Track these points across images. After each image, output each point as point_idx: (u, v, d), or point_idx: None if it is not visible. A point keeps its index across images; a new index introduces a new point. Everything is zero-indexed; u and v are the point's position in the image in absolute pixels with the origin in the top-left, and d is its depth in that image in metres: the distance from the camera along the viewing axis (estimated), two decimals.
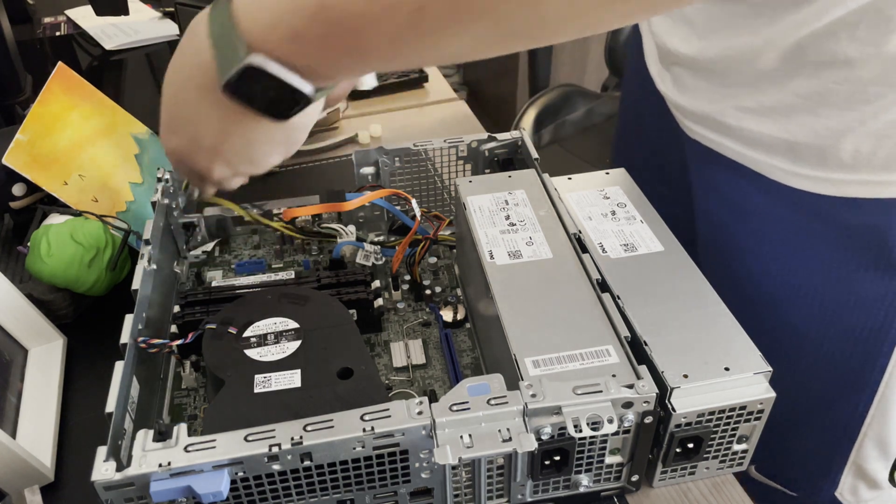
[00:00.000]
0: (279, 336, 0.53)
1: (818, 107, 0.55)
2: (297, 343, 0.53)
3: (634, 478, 0.49)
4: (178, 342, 0.54)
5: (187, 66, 0.48)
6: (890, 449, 0.67)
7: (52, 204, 0.67)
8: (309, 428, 0.42)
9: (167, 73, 0.50)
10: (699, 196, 0.70)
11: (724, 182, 0.65)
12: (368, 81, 0.58)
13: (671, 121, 0.69)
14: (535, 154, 0.64)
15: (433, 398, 0.55)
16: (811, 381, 0.66)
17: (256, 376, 0.50)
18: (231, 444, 0.41)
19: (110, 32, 1.13)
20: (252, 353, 0.52)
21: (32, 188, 0.69)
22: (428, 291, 0.65)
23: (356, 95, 0.97)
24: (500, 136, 0.69)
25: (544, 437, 0.44)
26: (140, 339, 0.50)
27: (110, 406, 0.45)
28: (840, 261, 0.60)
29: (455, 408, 0.42)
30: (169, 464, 0.40)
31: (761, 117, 0.59)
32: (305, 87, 0.42)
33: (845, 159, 0.55)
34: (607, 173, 0.64)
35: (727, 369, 0.46)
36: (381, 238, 0.70)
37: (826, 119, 0.55)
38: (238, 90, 0.43)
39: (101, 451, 0.41)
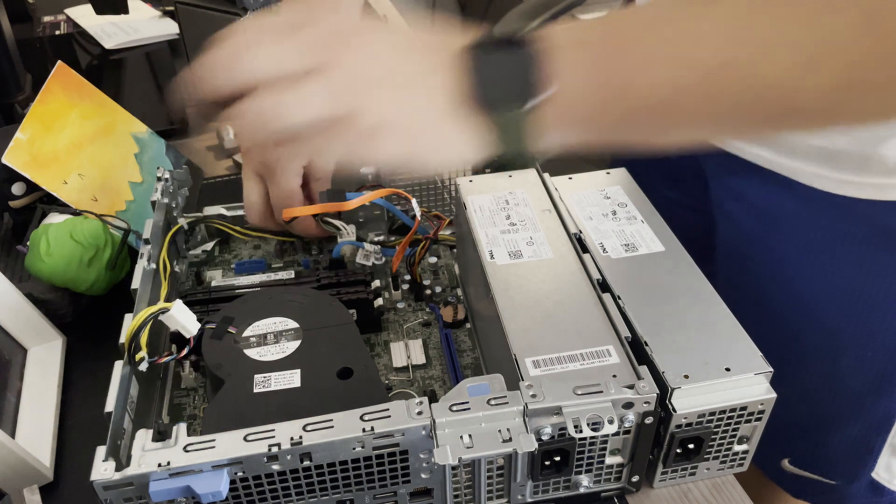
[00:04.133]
0: (279, 336, 0.53)
1: None
2: (297, 343, 0.53)
3: (635, 478, 0.49)
4: (185, 351, 0.53)
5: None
6: None
7: (52, 203, 0.67)
8: (308, 428, 0.42)
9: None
10: (721, 202, 0.69)
11: (751, 188, 0.65)
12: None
13: None
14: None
15: (433, 398, 0.55)
16: (851, 377, 0.66)
17: (256, 376, 0.50)
18: (230, 444, 0.41)
19: (110, 31, 1.13)
20: (252, 353, 0.52)
21: (32, 187, 0.69)
22: (428, 291, 0.65)
23: None
24: None
25: (544, 438, 0.44)
26: (150, 359, 0.50)
27: (109, 406, 0.45)
28: (880, 261, 0.60)
29: (455, 408, 0.42)
30: (168, 463, 0.40)
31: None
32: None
33: (888, 164, 0.56)
34: (608, 173, 0.64)
35: (728, 370, 0.46)
36: (381, 238, 0.70)
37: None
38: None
39: (101, 451, 0.41)
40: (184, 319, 0.50)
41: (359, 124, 0.39)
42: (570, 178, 0.64)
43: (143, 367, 0.49)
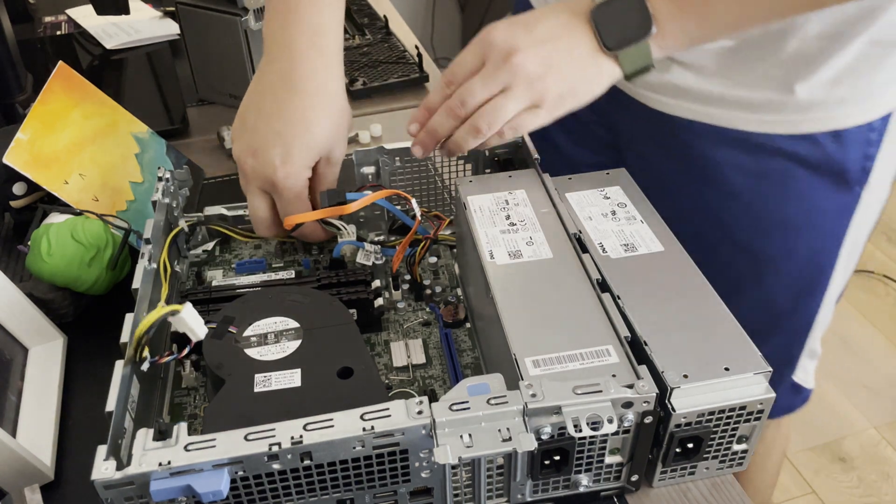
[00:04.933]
0: (279, 335, 0.53)
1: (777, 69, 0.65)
2: (298, 342, 0.53)
3: (634, 478, 0.49)
4: (186, 350, 0.53)
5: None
6: (825, 324, 0.82)
7: (53, 203, 0.67)
8: (309, 427, 0.42)
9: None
10: (654, 160, 0.77)
11: (681, 140, 0.73)
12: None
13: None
14: (535, 154, 0.64)
15: (433, 398, 0.55)
16: (777, 295, 0.77)
17: (256, 376, 0.50)
18: (231, 444, 0.41)
19: (111, 31, 1.13)
20: (252, 353, 0.52)
21: (33, 187, 0.69)
22: (428, 291, 0.65)
23: (356, 95, 0.97)
24: None
25: (544, 437, 0.44)
26: (152, 359, 0.50)
27: (110, 405, 0.45)
28: (798, 187, 0.70)
29: (455, 407, 0.42)
30: (169, 463, 0.40)
31: (722, 79, 0.67)
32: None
33: (801, 103, 0.66)
34: (607, 173, 0.64)
35: (727, 369, 0.46)
36: (382, 238, 0.70)
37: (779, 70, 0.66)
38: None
39: (101, 450, 0.41)
40: (193, 322, 0.51)
41: (546, 100, 0.57)
42: (570, 178, 0.64)
43: (145, 367, 0.49)
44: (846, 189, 0.70)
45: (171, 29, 1.12)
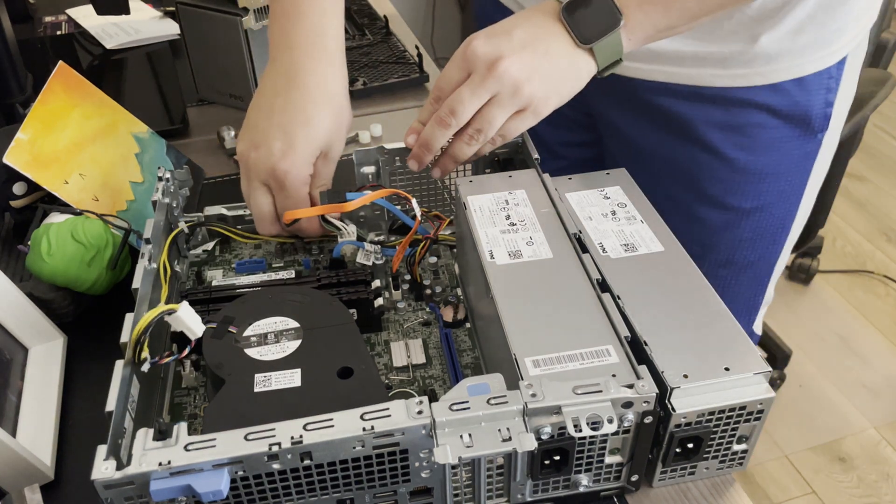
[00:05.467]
0: (279, 335, 0.53)
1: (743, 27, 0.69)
2: (298, 342, 0.53)
3: (634, 478, 0.49)
4: (187, 351, 0.53)
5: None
6: (780, 271, 0.87)
7: (53, 203, 0.67)
8: (309, 427, 0.42)
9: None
10: (628, 129, 0.80)
11: (654, 106, 0.76)
12: None
13: None
14: (535, 154, 0.64)
15: (433, 398, 0.55)
16: (749, 248, 0.81)
17: (256, 375, 0.50)
18: (231, 443, 0.41)
19: (111, 31, 1.13)
20: (252, 353, 0.52)
21: (33, 187, 0.69)
22: (428, 291, 0.65)
23: (356, 95, 0.97)
24: None
25: (544, 437, 0.44)
26: (152, 360, 0.50)
27: (110, 405, 0.45)
28: (770, 138, 0.74)
29: (455, 407, 0.42)
30: (169, 462, 0.40)
31: (694, 40, 0.71)
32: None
33: (770, 53, 0.70)
34: (608, 173, 0.64)
35: (727, 369, 0.46)
36: (382, 238, 0.70)
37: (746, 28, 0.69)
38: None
39: (101, 450, 0.41)
40: (190, 321, 0.51)
41: (532, 103, 0.60)
42: (570, 178, 0.64)
43: (146, 367, 0.49)
44: (811, 135, 0.75)
45: (171, 29, 1.12)
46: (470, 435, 0.42)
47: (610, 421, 0.43)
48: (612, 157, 0.86)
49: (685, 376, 0.45)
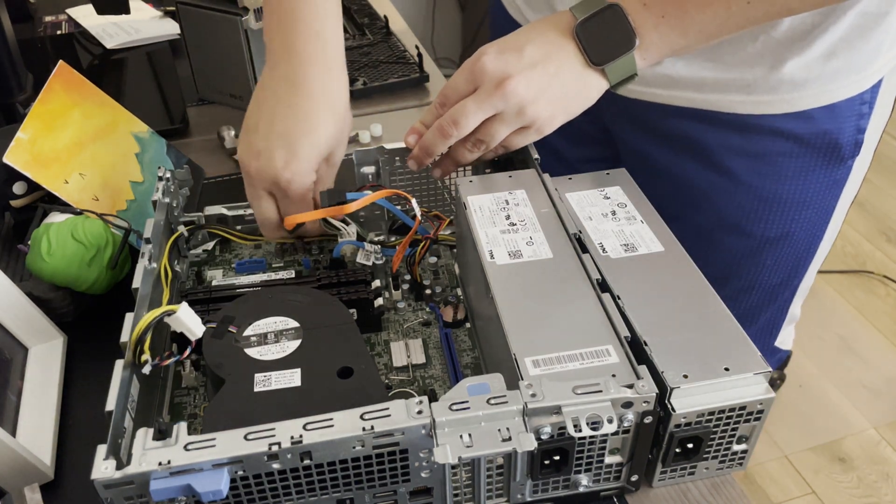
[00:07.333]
0: (279, 335, 0.53)
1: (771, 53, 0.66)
2: (297, 342, 0.53)
3: (634, 478, 0.49)
4: (187, 352, 0.53)
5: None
6: (806, 290, 0.86)
7: (53, 202, 0.67)
8: (309, 427, 0.42)
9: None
10: (647, 151, 0.78)
11: (673, 131, 0.74)
12: None
13: None
14: (535, 154, 0.64)
15: (433, 398, 0.55)
16: (771, 273, 0.79)
17: (256, 375, 0.50)
18: (231, 443, 0.41)
19: (111, 31, 1.13)
20: (252, 352, 0.52)
21: (33, 187, 0.69)
22: (428, 291, 0.65)
23: (356, 95, 0.97)
24: None
25: (544, 437, 0.44)
26: (153, 361, 0.50)
27: (110, 404, 0.45)
28: (795, 166, 0.71)
29: (455, 407, 0.42)
30: (169, 462, 0.40)
31: (714, 64, 0.68)
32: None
33: (796, 81, 0.67)
34: (608, 173, 0.64)
35: (727, 369, 0.46)
36: (382, 237, 0.70)
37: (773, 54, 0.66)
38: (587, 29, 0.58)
39: (101, 450, 0.41)
40: (189, 321, 0.51)
41: (536, 122, 0.60)
42: (570, 179, 0.64)
43: (147, 369, 0.49)
44: (839, 163, 0.71)
45: (171, 29, 1.12)
46: (470, 435, 0.42)
47: (610, 421, 0.43)
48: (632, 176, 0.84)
49: (685, 376, 0.45)
